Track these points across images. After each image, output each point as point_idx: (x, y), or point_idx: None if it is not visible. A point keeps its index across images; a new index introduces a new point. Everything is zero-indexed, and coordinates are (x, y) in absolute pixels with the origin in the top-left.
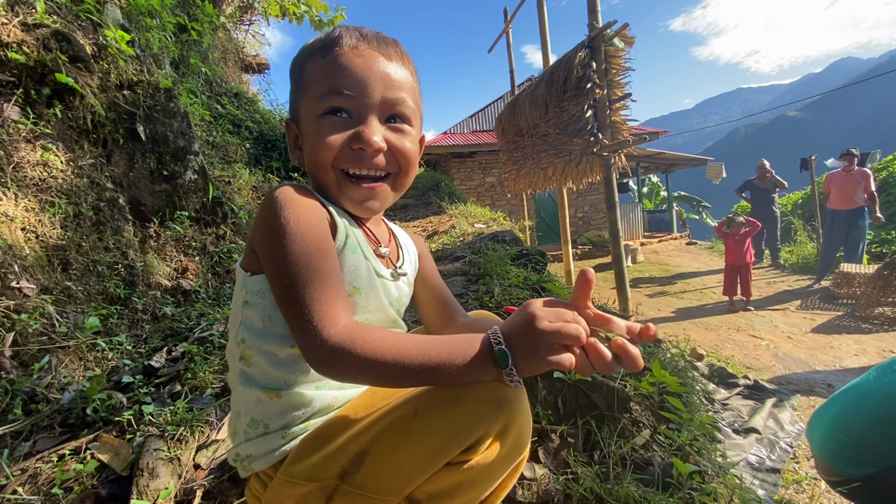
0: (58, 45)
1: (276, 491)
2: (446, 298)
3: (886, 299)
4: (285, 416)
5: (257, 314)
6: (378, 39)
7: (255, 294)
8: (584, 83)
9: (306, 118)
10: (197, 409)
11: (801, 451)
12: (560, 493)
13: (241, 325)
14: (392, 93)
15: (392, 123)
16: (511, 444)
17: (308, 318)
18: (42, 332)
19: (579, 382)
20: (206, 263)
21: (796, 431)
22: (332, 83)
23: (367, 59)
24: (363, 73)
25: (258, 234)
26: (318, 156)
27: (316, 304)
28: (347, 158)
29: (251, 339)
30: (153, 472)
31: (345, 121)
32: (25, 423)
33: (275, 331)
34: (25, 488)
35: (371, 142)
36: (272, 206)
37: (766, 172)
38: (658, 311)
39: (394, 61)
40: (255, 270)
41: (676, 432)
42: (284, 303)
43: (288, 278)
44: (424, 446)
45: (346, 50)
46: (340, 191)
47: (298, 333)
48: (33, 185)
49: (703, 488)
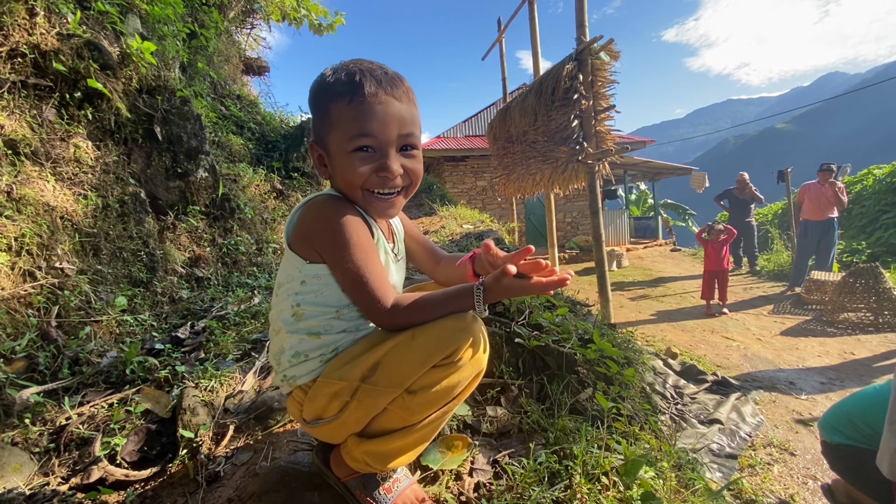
0: (89, 53)
1: (317, 389)
2: (430, 247)
3: (851, 305)
4: (321, 349)
5: (313, 289)
6: (390, 83)
7: (311, 277)
8: (571, 94)
9: (336, 150)
10: (223, 368)
11: (759, 440)
12: (515, 426)
13: (298, 294)
14: (405, 129)
15: (405, 151)
16: (474, 355)
17: (374, 300)
18: (80, 308)
19: (536, 347)
20: (215, 254)
21: (756, 423)
22: (360, 128)
23: (386, 105)
24: (383, 118)
25: (327, 240)
26: (352, 181)
27: (377, 291)
28: (373, 183)
29: (305, 305)
30: (194, 410)
31: (370, 154)
32: (73, 380)
33: (323, 300)
34: (84, 426)
35: (393, 172)
36: (337, 220)
37: (745, 186)
38: (639, 314)
39: (404, 102)
40: (312, 259)
41: (620, 390)
42: (357, 290)
43: (358, 275)
44: (418, 356)
45: (369, 98)
46: (367, 204)
47: (368, 309)
48: (68, 178)
49: (621, 419)
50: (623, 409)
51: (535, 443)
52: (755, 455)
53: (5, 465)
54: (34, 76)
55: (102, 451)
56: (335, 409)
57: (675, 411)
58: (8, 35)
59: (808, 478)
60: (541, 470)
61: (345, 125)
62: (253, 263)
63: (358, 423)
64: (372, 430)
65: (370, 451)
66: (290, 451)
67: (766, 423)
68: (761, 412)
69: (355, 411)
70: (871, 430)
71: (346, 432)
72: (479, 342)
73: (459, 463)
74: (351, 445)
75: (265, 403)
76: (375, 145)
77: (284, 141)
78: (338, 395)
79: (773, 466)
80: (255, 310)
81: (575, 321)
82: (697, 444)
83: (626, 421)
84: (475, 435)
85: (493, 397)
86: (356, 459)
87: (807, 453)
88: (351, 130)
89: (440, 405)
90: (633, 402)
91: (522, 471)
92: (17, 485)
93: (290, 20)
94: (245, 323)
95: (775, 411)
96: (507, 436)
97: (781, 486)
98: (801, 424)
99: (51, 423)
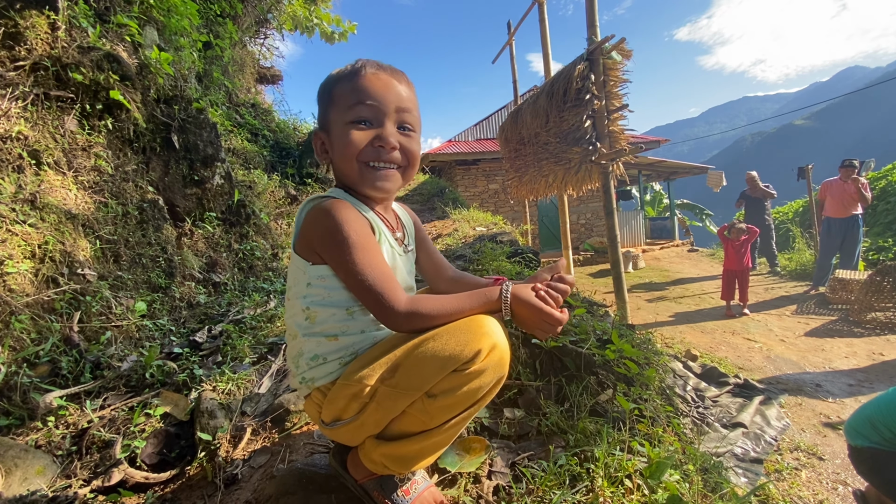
0: (109, 65)
1: (336, 391)
2: (438, 257)
3: (879, 305)
4: (340, 351)
5: (319, 291)
6: (392, 69)
7: (316, 278)
8: (583, 94)
9: (336, 125)
10: (240, 371)
11: (785, 445)
12: (534, 429)
13: (306, 297)
14: (403, 104)
15: (403, 131)
16: (496, 360)
17: (384, 302)
18: (101, 313)
19: (554, 348)
20: (231, 259)
21: (781, 426)
22: (359, 96)
23: (385, 82)
24: (382, 90)
25: (325, 242)
26: (347, 150)
27: (386, 292)
28: (369, 154)
29: (315, 307)
30: (212, 413)
31: (367, 128)
32: (95, 384)
33: (333, 301)
34: (105, 430)
35: (388, 141)
36: (333, 221)
37: (755, 184)
38: (656, 316)
39: (404, 84)
40: (314, 261)
41: (641, 391)
42: (363, 292)
43: (362, 277)
44: (440, 359)
45: (369, 74)
46: (362, 177)
47: (378, 312)
48: (89, 187)
49: (643, 421)
50: (645, 410)
51: (555, 445)
52: (782, 460)
53: (29, 468)
54: (56, 88)
55: (123, 454)
56: (354, 411)
57: (697, 415)
58: (31, 49)
59: (839, 483)
60: (561, 473)
61: (344, 98)
62: (268, 268)
63: (377, 426)
64: (391, 433)
65: (388, 453)
66: (307, 453)
67: (793, 426)
68: (787, 416)
69: (374, 413)
70: (892, 433)
71: (364, 434)
72: (501, 346)
73: (478, 465)
74: (369, 448)
75: (281, 406)
76: (372, 117)
77: (298, 148)
78: (357, 397)
79: (802, 471)
80: (271, 314)
81: (593, 322)
82: (721, 447)
83: (649, 423)
84: (493, 437)
85: (510, 399)
86: (374, 462)
87: (836, 458)
88: (350, 100)
89: (460, 410)
90: (654, 404)
91: (542, 474)
92: (41, 487)
93: (303, 29)
94: (261, 327)
95: (802, 415)
96: (525, 438)
97: (810, 491)
98: (830, 428)
99: (73, 426)
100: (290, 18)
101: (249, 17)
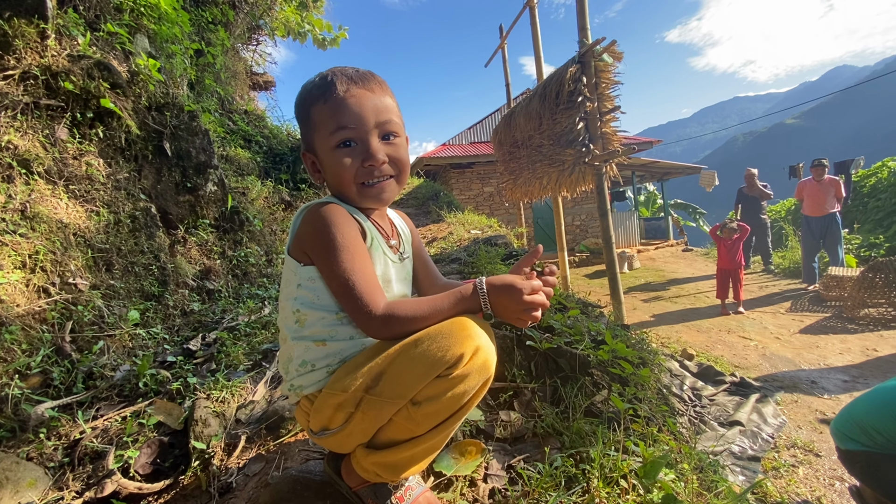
0: (100, 73)
1: (322, 400)
2: (430, 266)
3: (872, 301)
4: (328, 358)
5: (309, 293)
6: (361, 78)
7: (306, 279)
8: (575, 97)
9: (323, 151)
10: (235, 378)
11: (782, 442)
12: (529, 430)
13: (296, 299)
14: (382, 116)
15: (387, 140)
16: (480, 363)
17: (361, 306)
18: (93, 322)
19: (548, 350)
20: (225, 266)
21: (778, 424)
22: (337, 121)
23: (359, 98)
24: (358, 109)
25: (313, 243)
26: (342, 177)
27: (364, 296)
28: (362, 175)
29: (304, 309)
30: (205, 421)
31: (353, 148)
32: (87, 394)
33: (322, 304)
34: (98, 440)
35: (377, 158)
36: (321, 222)
37: (753, 181)
38: (652, 315)
39: (376, 93)
40: (305, 262)
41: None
42: (342, 295)
43: (343, 279)
44: (422, 365)
45: (341, 94)
46: (361, 196)
47: (355, 316)
48: (80, 195)
49: (638, 421)
50: (640, 410)
51: (551, 447)
52: (779, 457)
53: (20, 480)
54: (46, 97)
55: (116, 465)
56: (340, 421)
57: (694, 413)
58: (21, 58)
59: (835, 479)
60: (557, 474)
61: (324, 124)
62: (263, 275)
63: (364, 434)
64: (379, 441)
65: (379, 462)
66: (302, 460)
67: (789, 424)
68: (783, 413)
69: (360, 423)
70: (884, 438)
71: (353, 443)
72: (485, 348)
73: (473, 469)
74: (360, 456)
75: (276, 413)
76: (355, 137)
77: (292, 153)
78: (342, 407)
79: (798, 468)
80: (266, 320)
81: (587, 323)
82: (718, 446)
83: (644, 422)
84: (489, 440)
85: (505, 401)
86: (366, 470)
87: (832, 454)
88: (330, 126)
89: (446, 415)
90: (649, 404)
91: (538, 476)
92: (32, 500)
93: (295, 36)
94: (255, 333)
95: (798, 412)
96: (521, 440)
97: (807, 488)
98: (826, 425)
99: (65, 438)
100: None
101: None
